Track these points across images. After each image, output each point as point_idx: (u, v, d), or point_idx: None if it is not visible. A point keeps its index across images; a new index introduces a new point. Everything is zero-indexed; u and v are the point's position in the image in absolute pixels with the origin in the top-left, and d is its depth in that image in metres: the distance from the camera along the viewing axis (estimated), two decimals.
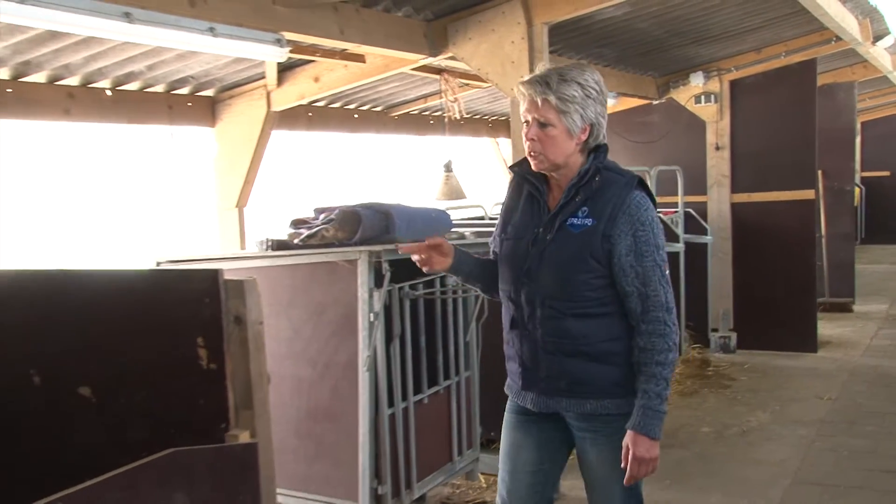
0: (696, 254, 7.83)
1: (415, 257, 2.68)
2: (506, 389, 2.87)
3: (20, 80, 4.59)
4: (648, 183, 3.05)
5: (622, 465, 2.56)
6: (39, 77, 4.66)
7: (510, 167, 2.85)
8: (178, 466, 2.10)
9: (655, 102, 8.75)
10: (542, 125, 2.55)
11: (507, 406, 2.85)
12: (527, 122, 2.60)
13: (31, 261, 4.97)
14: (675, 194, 7.83)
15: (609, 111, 8.31)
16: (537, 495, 2.78)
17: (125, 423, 2.59)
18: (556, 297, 2.57)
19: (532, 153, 2.60)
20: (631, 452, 2.52)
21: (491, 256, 2.90)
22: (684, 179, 7.83)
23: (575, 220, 2.56)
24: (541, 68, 2.64)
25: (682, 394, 6.82)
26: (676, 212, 7.79)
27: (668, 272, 2.58)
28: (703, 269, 8.03)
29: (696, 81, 8.26)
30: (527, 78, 2.62)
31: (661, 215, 7.13)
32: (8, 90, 4.52)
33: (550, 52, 5.17)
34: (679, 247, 7.27)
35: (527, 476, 2.76)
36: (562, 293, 2.56)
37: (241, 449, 2.33)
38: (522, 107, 2.62)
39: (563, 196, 2.60)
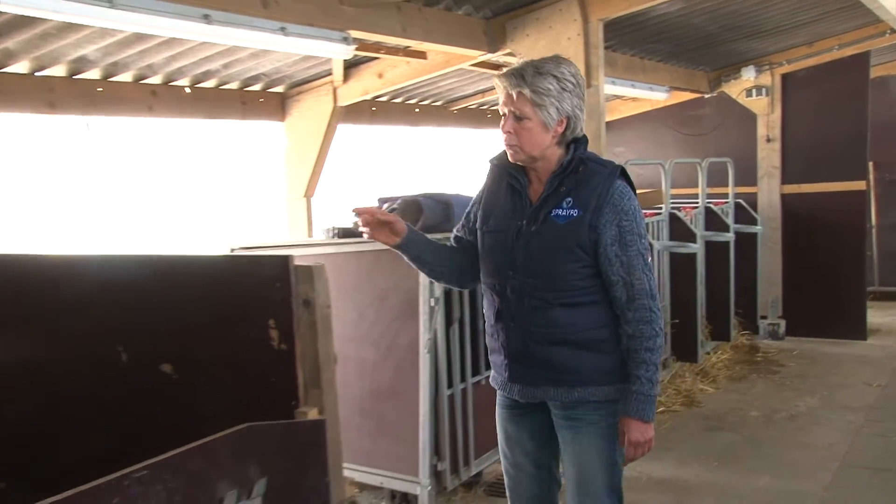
0: (746, 243, 7.64)
1: (360, 220, 2.56)
2: (491, 382, 2.77)
3: (109, 79, 4.70)
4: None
5: (622, 447, 2.51)
6: (126, 77, 4.77)
7: (490, 160, 2.71)
8: (253, 440, 2.14)
9: (707, 96, 8.61)
10: (518, 118, 2.46)
11: (497, 401, 2.76)
12: (504, 114, 2.50)
13: (119, 247, 5.09)
14: (726, 185, 7.71)
15: (661, 105, 8.22)
16: (543, 483, 2.71)
17: (203, 398, 2.65)
18: (544, 288, 2.48)
19: (508, 145, 2.51)
20: (626, 437, 2.48)
21: (452, 243, 2.80)
22: (735, 171, 7.68)
23: (560, 212, 2.47)
24: (519, 62, 2.52)
25: (731, 379, 6.67)
26: (727, 202, 7.66)
27: (650, 260, 2.52)
28: (753, 258, 7.83)
29: (748, 75, 8.11)
30: (503, 71, 2.52)
31: (710, 205, 7.16)
32: (98, 89, 4.64)
33: (605, 48, 5.09)
34: (729, 236, 7.08)
35: (528, 466, 2.70)
36: (549, 283, 2.48)
37: (310, 425, 2.36)
38: (500, 100, 2.52)
39: (547, 187, 2.51)
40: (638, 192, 2.63)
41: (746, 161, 8.09)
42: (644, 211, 6.21)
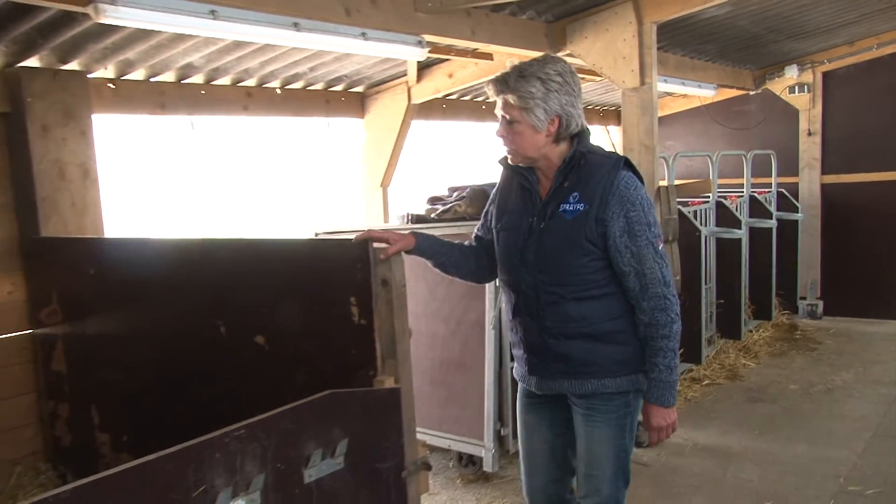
0: (788, 229, 7.54)
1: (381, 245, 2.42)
2: (513, 374, 2.66)
3: (211, 83, 4.77)
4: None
5: (637, 432, 2.41)
6: (225, 80, 4.83)
7: (500, 160, 2.55)
8: (336, 405, 2.14)
9: (752, 93, 8.45)
10: (509, 122, 2.32)
11: (518, 391, 2.64)
12: (499, 119, 2.38)
13: (218, 232, 5.19)
14: (769, 176, 7.64)
15: (709, 101, 8.07)
16: (557, 471, 2.57)
17: (291, 367, 2.67)
18: (556, 283, 2.33)
19: (505, 148, 2.39)
20: (649, 422, 2.35)
21: (473, 242, 2.66)
22: (777, 162, 7.64)
23: (567, 207, 2.31)
24: (507, 67, 2.39)
25: (771, 354, 6.56)
26: (770, 191, 7.59)
27: (661, 247, 2.31)
28: (794, 243, 7.74)
29: (791, 73, 7.98)
30: (491, 77, 2.39)
31: (754, 194, 6.99)
32: (202, 92, 4.71)
33: (658, 49, 4.99)
34: (771, 223, 6.97)
35: (544, 454, 2.56)
36: (561, 278, 2.32)
37: (387, 392, 2.36)
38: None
39: (553, 183, 2.36)
40: (687, 181, 2.51)
41: (788, 153, 8.02)
42: (692, 199, 6.24)
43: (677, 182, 6.20)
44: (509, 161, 2.41)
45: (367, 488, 2.22)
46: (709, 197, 6.40)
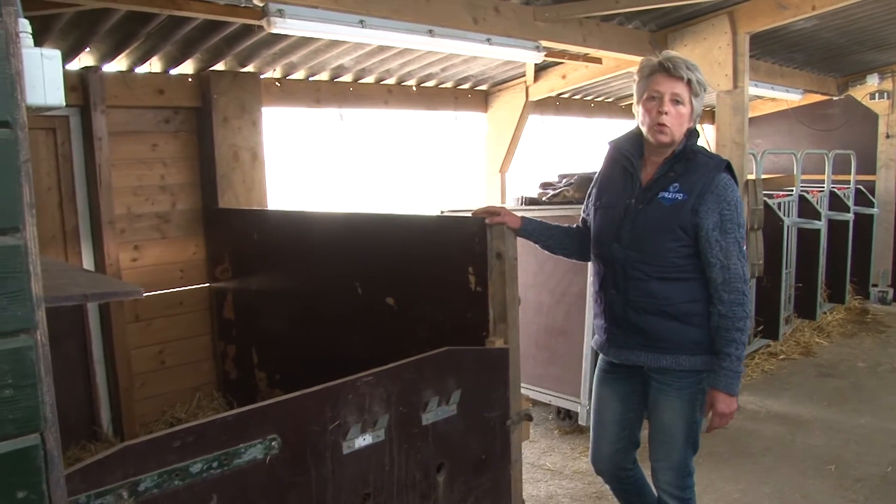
0: (864, 223, 7.10)
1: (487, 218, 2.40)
2: (592, 344, 2.50)
3: (358, 81, 4.86)
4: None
5: (707, 419, 2.21)
6: (370, 79, 4.91)
7: (609, 141, 2.37)
8: (452, 360, 2.14)
9: (835, 98, 8.00)
10: (678, 102, 2.13)
11: (597, 364, 2.47)
12: (658, 96, 2.14)
13: (360, 207, 5.32)
14: (849, 173, 7.19)
15: (795, 105, 7.64)
16: (623, 441, 2.40)
17: (415, 325, 2.70)
18: (645, 262, 2.17)
19: (661, 125, 2.14)
20: (714, 407, 2.16)
21: (580, 224, 2.48)
22: (857, 162, 7.17)
23: (666, 195, 2.15)
24: (667, 54, 2.17)
25: (843, 335, 6.14)
26: (848, 188, 7.11)
27: (745, 248, 2.16)
28: (868, 235, 7.27)
29: (872, 81, 7.52)
30: (671, 55, 2.15)
31: (834, 190, 6.53)
32: (350, 89, 4.81)
33: (750, 57, 4.80)
34: (849, 216, 6.58)
35: (613, 425, 2.39)
36: (650, 258, 2.16)
37: (497, 352, 2.34)
38: (646, 82, 2.17)
39: (658, 171, 2.19)
40: (772, 176, 2.32)
41: (867, 154, 7.59)
42: (776, 192, 5.90)
43: (764, 176, 6.00)
44: (657, 139, 2.17)
45: (476, 433, 2.21)
46: (792, 191, 6.15)
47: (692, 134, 2.21)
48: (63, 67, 1.22)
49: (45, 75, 1.14)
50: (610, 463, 2.43)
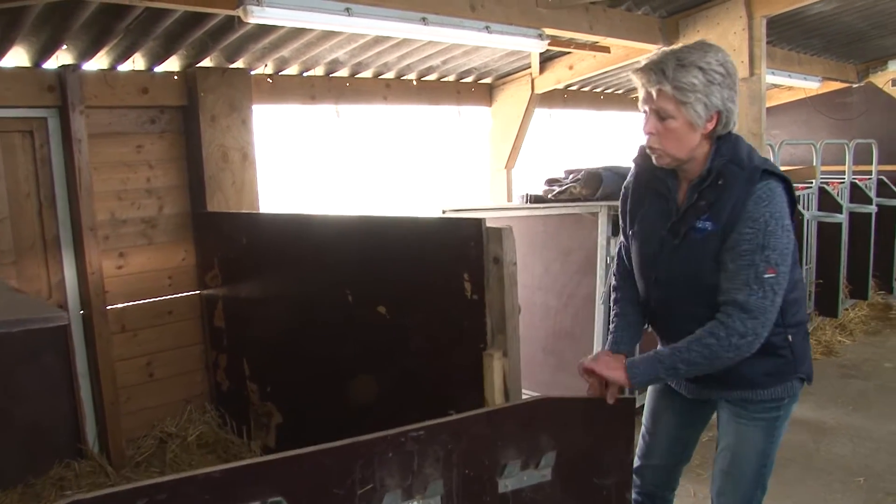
0: (887, 215, 6.76)
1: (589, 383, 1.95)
2: None
3: (354, 76, 4.70)
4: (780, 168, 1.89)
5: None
6: (367, 74, 4.75)
7: (633, 159, 1.97)
8: (544, 411, 1.82)
9: (855, 86, 7.83)
10: (661, 117, 1.73)
11: None
12: (644, 112, 1.78)
13: (355, 209, 5.15)
14: (870, 164, 6.89)
15: (813, 93, 7.41)
16: (673, 458, 2.12)
17: (409, 335, 2.52)
18: (688, 301, 1.82)
19: (651, 148, 1.79)
20: (601, 364, 1.86)
21: (622, 251, 2.11)
22: (878, 151, 6.85)
23: (698, 224, 1.77)
24: (658, 52, 1.77)
25: (866, 333, 5.89)
26: (870, 178, 6.84)
27: (771, 275, 1.68)
28: (892, 228, 6.92)
29: (894, 67, 7.36)
30: (641, 64, 1.75)
31: (855, 181, 6.25)
32: (347, 84, 4.65)
33: (766, 43, 4.59)
34: (871, 209, 6.30)
35: (665, 440, 2.10)
36: (695, 297, 1.80)
37: (620, 404, 1.91)
38: (640, 96, 1.79)
39: (687, 199, 1.80)
40: (791, 168, 2.00)
41: (889, 143, 7.34)
42: (796, 185, 5.54)
43: (782, 168, 5.63)
44: (654, 162, 1.82)
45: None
46: (812, 183, 5.92)
47: (721, 139, 1.78)
48: (39, 66, 1.03)
49: None
50: (654, 475, 2.14)
